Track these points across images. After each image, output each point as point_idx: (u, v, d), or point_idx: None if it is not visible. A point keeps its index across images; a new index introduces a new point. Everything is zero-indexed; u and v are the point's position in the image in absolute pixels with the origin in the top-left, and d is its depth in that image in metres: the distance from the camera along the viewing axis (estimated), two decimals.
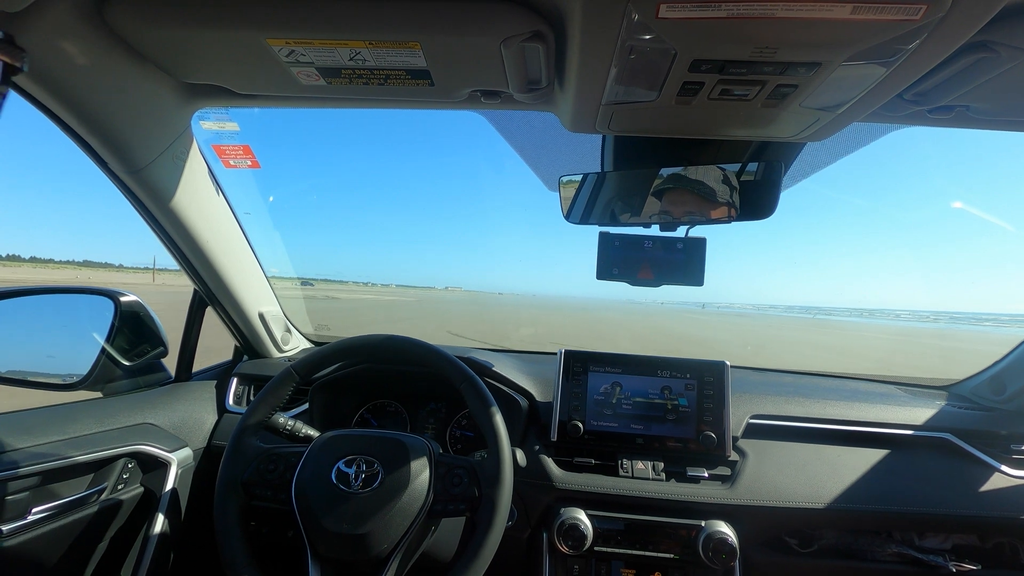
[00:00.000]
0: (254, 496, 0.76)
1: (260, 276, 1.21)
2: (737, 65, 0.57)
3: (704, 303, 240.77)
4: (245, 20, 0.60)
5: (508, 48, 0.61)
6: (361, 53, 0.64)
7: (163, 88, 0.77)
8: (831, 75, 0.58)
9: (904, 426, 1.04)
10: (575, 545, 0.89)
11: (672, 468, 0.99)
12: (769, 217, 0.92)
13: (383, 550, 0.68)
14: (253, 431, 0.81)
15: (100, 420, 0.92)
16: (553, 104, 0.79)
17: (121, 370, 1.06)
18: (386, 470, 0.72)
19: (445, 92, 0.74)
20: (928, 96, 0.68)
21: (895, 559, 0.95)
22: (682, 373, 1.04)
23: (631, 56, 0.57)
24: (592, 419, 1.03)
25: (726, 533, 0.87)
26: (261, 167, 1.00)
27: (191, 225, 0.95)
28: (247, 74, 0.72)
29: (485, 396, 0.78)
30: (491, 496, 0.71)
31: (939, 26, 0.49)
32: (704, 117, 0.73)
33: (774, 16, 0.48)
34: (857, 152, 0.95)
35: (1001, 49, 0.56)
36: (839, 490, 0.94)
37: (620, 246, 0.94)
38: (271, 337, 1.27)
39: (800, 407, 1.08)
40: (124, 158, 0.80)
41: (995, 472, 0.98)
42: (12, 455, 0.78)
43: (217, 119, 0.92)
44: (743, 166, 0.93)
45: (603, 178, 1.00)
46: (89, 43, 0.64)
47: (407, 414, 1.17)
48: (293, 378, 0.84)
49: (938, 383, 1.32)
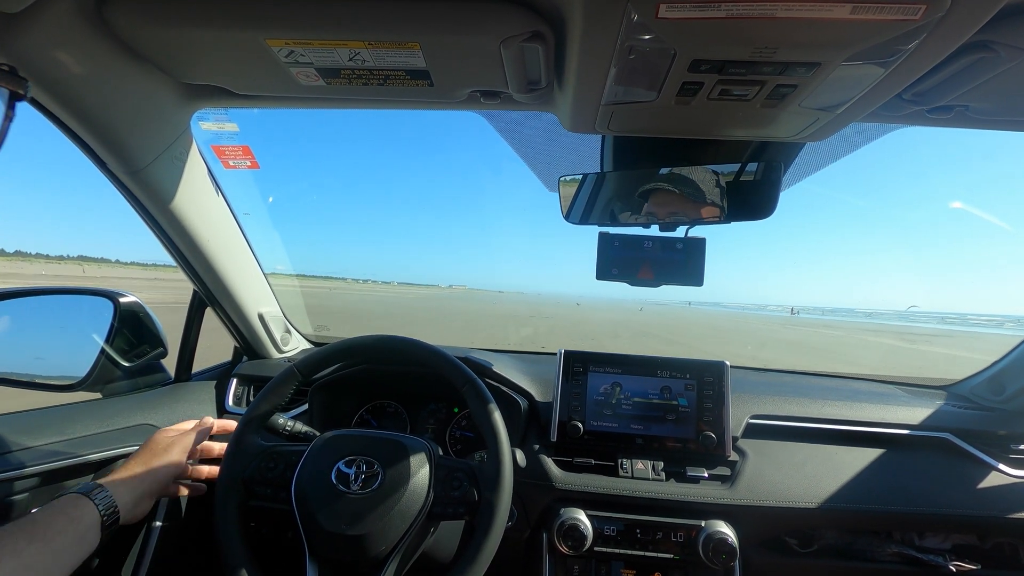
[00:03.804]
0: (254, 494, 0.76)
1: (259, 276, 1.21)
2: (736, 65, 0.57)
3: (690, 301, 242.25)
4: (244, 20, 0.60)
5: (508, 48, 0.61)
6: (360, 53, 0.64)
7: (162, 89, 0.77)
8: (830, 75, 0.58)
9: (904, 426, 1.04)
10: (575, 545, 0.89)
11: (672, 468, 0.99)
12: (768, 217, 0.92)
13: (381, 551, 0.68)
14: (255, 428, 0.81)
15: (100, 421, 0.92)
16: (552, 104, 0.79)
17: (120, 371, 1.06)
18: (386, 471, 0.72)
19: (444, 92, 0.74)
20: (927, 96, 0.68)
21: (895, 559, 0.95)
22: (682, 373, 1.04)
23: (630, 56, 0.57)
24: (592, 419, 1.03)
25: (726, 533, 0.87)
26: (260, 167, 1.00)
27: (190, 226, 0.95)
28: (246, 74, 0.72)
29: (486, 398, 0.78)
30: (490, 499, 0.71)
31: (938, 26, 0.49)
32: (703, 117, 0.73)
33: (773, 16, 0.48)
34: (856, 152, 0.95)
35: (1001, 49, 0.56)
36: (839, 490, 0.94)
37: (620, 246, 0.94)
38: (271, 338, 1.27)
39: (800, 407, 1.08)
40: (123, 159, 0.80)
41: (995, 472, 0.98)
42: (12, 456, 0.78)
43: (216, 120, 0.92)
44: (742, 166, 0.94)
45: (602, 178, 1.01)
46: (88, 44, 0.64)
47: (407, 415, 1.17)
48: (295, 377, 0.84)
49: (937, 383, 1.32)
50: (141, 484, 0.75)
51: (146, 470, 0.77)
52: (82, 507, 0.66)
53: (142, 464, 0.78)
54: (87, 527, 0.65)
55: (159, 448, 0.81)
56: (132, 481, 0.74)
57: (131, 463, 0.78)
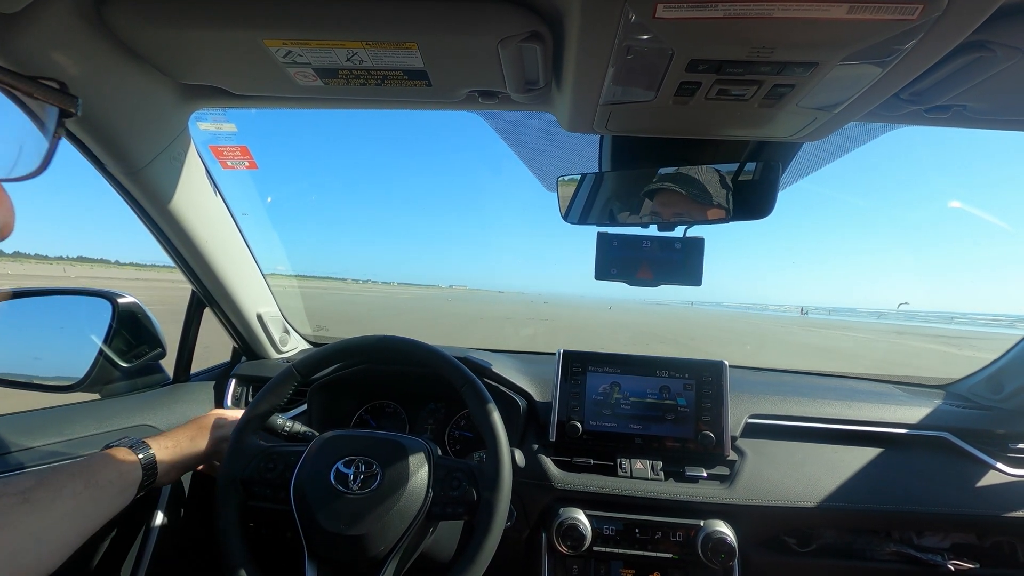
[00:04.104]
0: (253, 495, 0.76)
1: (258, 277, 1.21)
2: (734, 65, 0.58)
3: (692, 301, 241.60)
4: (242, 21, 0.60)
5: (505, 48, 0.61)
6: (358, 54, 0.64)
7: (160, 89, 0.77)
8: (828, 75, 0.58)
9: (902, 425, 1.04)
10: (574, 545, 0.89)
11: (671, 468, 0.99)
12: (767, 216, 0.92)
13: (380, 551, 0.68)
14: (254, 428, 0.81)
15: (98, 422, 0.92)
16: (550, 104, 0.79)
17: (119, 371, 1.06)
18: (385, 471, 0.72)
19: (442, 92, 0.74)
20: (925, 95, 0.68)
21: (894, 558, 0.95)
22: (680, 373, 1.04)
23: (628, 56, 0.57)
24: (591, 419, 1.03)
25: (725, 533, 0.87)
26: (259, 168, 1.00)
27: (189, 226, 0.95)
28: (244, 75, 0.72)
29: (485, 398, 0.78)
30: (489, 499, 0.71)
31: (935, 25, 0.49)
32: (701, 117, 0.73)
33: (771, 16, 0.48)
34: (854, 151, 0.95)
35: (998, 48, 0.56)
36: (838, 489, 0.94)
37: (618, 246, 0.94)
38: (269, 338, 1.27)
39: (798, 406, 1.08)
40: (121, 159, 0.80)
41: (993, 471, 0.99)
42: (11, 456, 0.78)
43: (214, 120, 0.92)
44: (741, 166, 0.94)
45: (601, 178, 1.01)
46: (86, 44, 0.64)
47: (406, 415, 1.17)
48: (295, 377, 0.84)
49: (936, 382, 1.33)
50: (180, 453, 0.78)
51: (190, 442, 0.80)
52: (130, 462, 0.69)
53: (188, 436, 0.80)
54: (130, 483, 0.68)
55: (209, 425, 0.84)
56: (174, 449, 0.77)
57: (178, 432, 0.81)
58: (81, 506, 0.60)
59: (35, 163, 0.37)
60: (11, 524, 0.53)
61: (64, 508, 0.58)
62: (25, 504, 0.55)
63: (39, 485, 0.57)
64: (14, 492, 0.55)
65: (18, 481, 0.57)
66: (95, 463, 0.65)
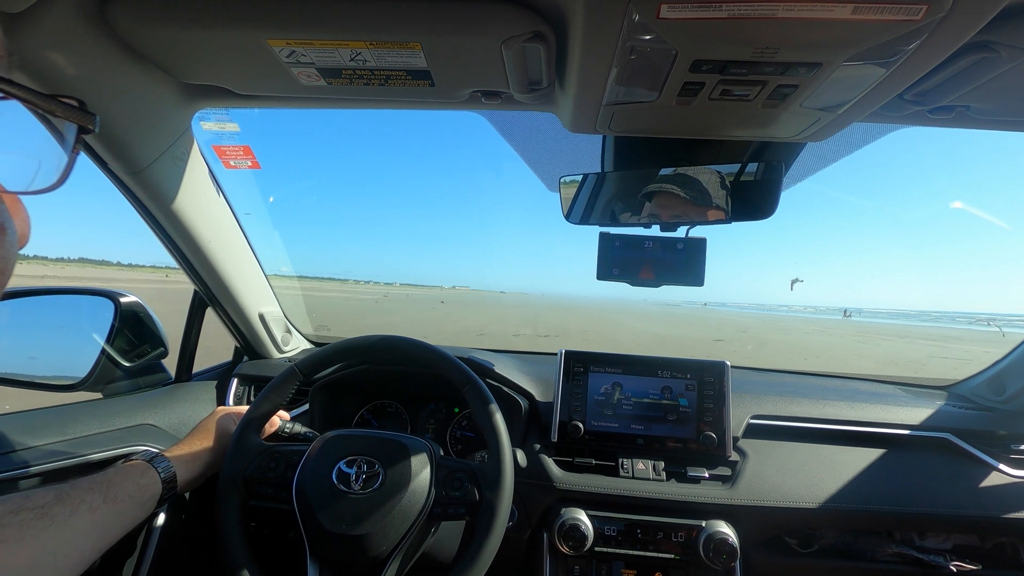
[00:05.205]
0: (255, 494, 0.76)
1: (260, 277, 1.21)
2: (738, 65, 0.57)
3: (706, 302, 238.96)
4: (246, 21, 0.60)
5: (509, 49, 0.61)
6: (362, 54, 0.64)
7: (164, 89, 0.77)
8: (832, 75, 0.58)
9: (904, 426, 1.04)
10: (576, 545, 0.89)
11: (672, 468, 0.99)
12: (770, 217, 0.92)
13: (382, 551, 0.68)
14: (256, 428, 0.81)
15: (100, 421, 0.92)
16: (554, 104, 0.79)
17: (121, 371, 1.06)
18: (387, 471, 0.72)
19: (446, 93, 0.74)
20: (929, 96, 0.68)
21: (895, 559, 0.95)
22: (682, 373, 1.04)
23: (632, 56, 0.57)
24: (592, 419, 1.03)
25: (727, 533, 0.87)
26: (262, 167, 1.00)
27: (191, 226, 0.95)
28: (248, 75, 0.72)
29: (487, 399, 0.79)
30: (491, 500, 0.71)
31: (940, 26, 0.49)
32: (705, 117, 0.73)
33: (775, 16, 0.48)
34: (857, 152, 0.94)
35: (1002, 49, 0.56)
36: (839, 490, 0.94)
37: (620, 246, 0.94)
38: (271, 338, 1.27)
39: (800, 407, 1.08)
40: (125, 159, 0.80)
41: (995, 472, 0.99)
42: (12, 456, 0.78)
43: (217, 120, 0.92)
44: (743, 166, 0.93)
45: (603, 178, 1.00)
46: (90, 44, 0.64)
47: (407, 415, 1.17)
48: (297, 377, 0.84)
49: (938, 383, 1.32)
50: (200, 462, 0.78)
51: (206, 449, 0.80)
52: (149, 476, 0.69)
53: (202, 442, 0.80)
54: (149, 496, 0.68)
55: (222, 429, 0.83)
56: (191, 457, 0.77)
57: (193, 439, 0.81)
58: (99, 520, 0.60)
59: (53, 177, 0.38)
60: (29, 539, 0.53)
61: (82, 523, 0.58)
62: (43, 519, 0.55)
63: (57, 500, 0.57)
64: (32, 507, 0.55)
65: (37, 496, 0.57)
66: (114, 477, 0.65)
